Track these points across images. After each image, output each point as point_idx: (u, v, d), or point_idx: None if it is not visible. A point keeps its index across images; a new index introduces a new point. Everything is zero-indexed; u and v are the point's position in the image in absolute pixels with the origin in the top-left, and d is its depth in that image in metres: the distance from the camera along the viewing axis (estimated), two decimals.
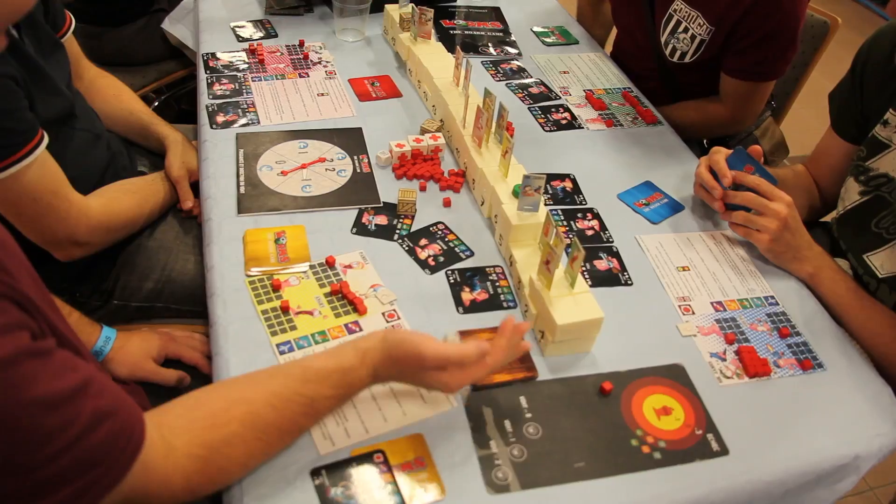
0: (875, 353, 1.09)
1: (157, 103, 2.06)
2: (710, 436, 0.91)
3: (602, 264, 1.13)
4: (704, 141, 1.71)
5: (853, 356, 1.05)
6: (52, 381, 0.60)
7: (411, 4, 1.53)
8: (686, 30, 1.53)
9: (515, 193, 1.11)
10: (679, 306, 1.08)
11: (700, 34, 1.51)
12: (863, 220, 1.24)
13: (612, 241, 1.18)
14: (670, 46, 1.57)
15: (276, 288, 1.02)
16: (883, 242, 1.20)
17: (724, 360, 1.01)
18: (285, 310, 0.99)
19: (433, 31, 1.51)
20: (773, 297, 1.11)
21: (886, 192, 1.20)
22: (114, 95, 1.44)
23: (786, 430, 0.93)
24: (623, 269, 1.13)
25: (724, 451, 0.89)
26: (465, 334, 0.98)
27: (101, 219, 1.17)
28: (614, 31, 1.96)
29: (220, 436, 0.73)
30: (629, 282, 1.11)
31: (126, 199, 1.25)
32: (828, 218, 1.46)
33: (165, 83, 2.05)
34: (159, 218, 1.33)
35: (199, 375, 1.13)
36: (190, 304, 1.29)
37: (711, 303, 1.09)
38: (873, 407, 0.98)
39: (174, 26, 1.92)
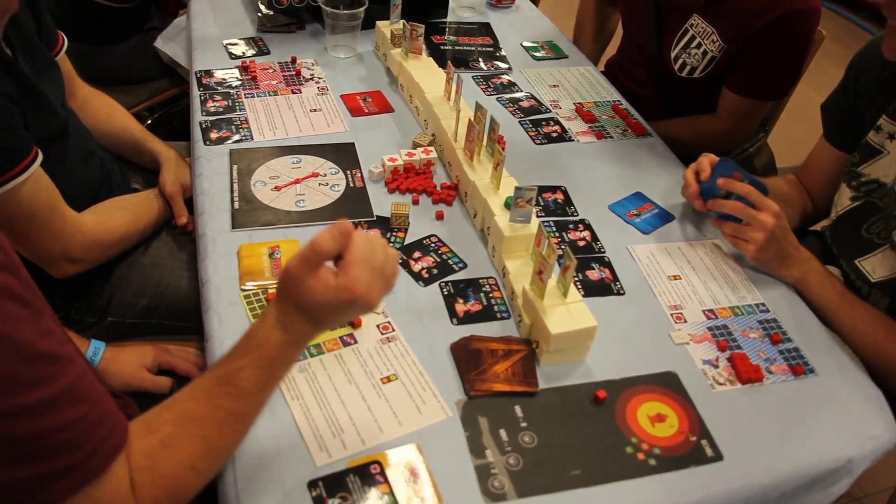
0: (865, 354, 1.10)
1: (149, 121, 2.07)
2: (704, 442, 0.91)
3: (594, 274, 1.14)
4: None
5: (844, 361, 1.06)
6: (34, 334, 0.58)
7: (402, 21, 1.55)
8: (699, 45, 1.55)
9: (507, 205, 1.12)
10: (671, 315, 1.09)
11: (712, 51, 1.53)
12: (854, 225, 1.26)
13: (604, 252, 1.19)
14: (680, 61, 1.59)
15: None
16: (874, 247, 1.21)
17: (717, 366, 1.01)
18: None
19: (424, 46, 1.52)
20: (763, 305, 1.12)
21: (877, 198, 1.22)
22: (107, 114, 1.45)
23: (779, 434, 0.94)
24: (615, 278, 1.14)
25: (718, 456, 0.90)
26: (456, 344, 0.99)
27: (96, 235, 1.17)
28: (610, 47, 1.99)
29: (155, 441, 0.70)
30: (621, 291, 1.12)
31: (120, 215, 1.25)
32: (818, 227, 1.48)
33: (158, 101, 2.06)
34: (153, 234, 1.33)
35: None
36: (184, 320, 1.29)
37: (703, 311, 1.10)
38: (865, 410, 0.99)
39: (167, 45, 1.94)
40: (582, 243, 1.20)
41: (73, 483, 0.62)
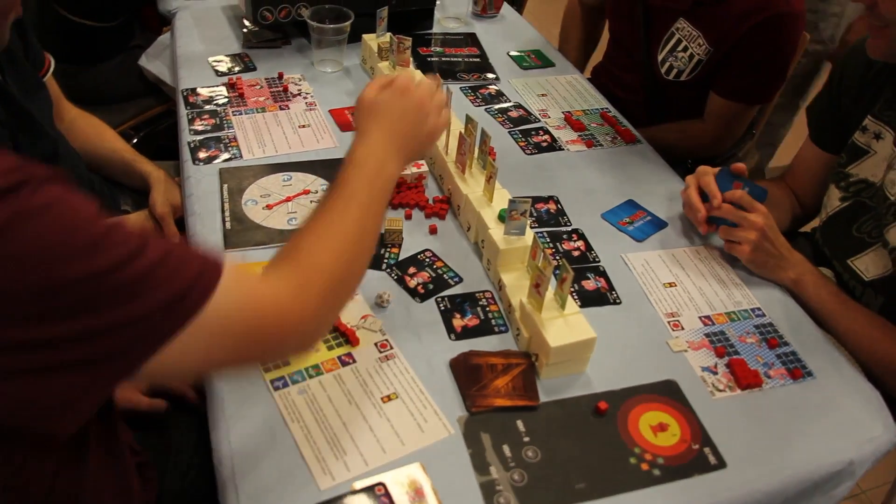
0: (861, 355, 1.11)
1: (135, 140, 2.05)
2: (706, 450, 0.91)
3: (590, 284, 1.14)
4: (689, 162, 1.74)
5: (841, 363, 1.06)
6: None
7: (389, 33, 1.55)
8: (685, 49, 1.56)
9: (501, 218, 1.12)
10: (668, 322, 1.09)
11: (699, 54, 1.54)
12: (845, 225, 1.27)
13: (599, 261, 1.19)
14: (667, 64, 1.60)
15: None
16: (865, 246, 1.22)
17: (716, 373, 1.02)
18: None
19: (411, 59, 1.52)
20: (759, 309, 1.13)
21: (867, 197, 1.23)
22: (95, 135, 1.44)
23: (781, 439, 0.94)
24: (611, 288, 1.14)
25: (721, 464, 0.90)
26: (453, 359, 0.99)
27: None
28: (596, 54, 2.00)
29: (288, 245, 0.77)
30: (618, 300, 1.12)
31: None
32: (808, 228, 1.49)
33: (143, 120, 2.05)
34: None
35: (187, 407, 1.12)
36: None
37: (700, 317, 1.10)
38: (864, 411, 1.00)
39: (151, 62, 1.93)
40: (576, 253, 1.20)
41: (196, 298, 0.62)
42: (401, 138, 0.92)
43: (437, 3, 1.85)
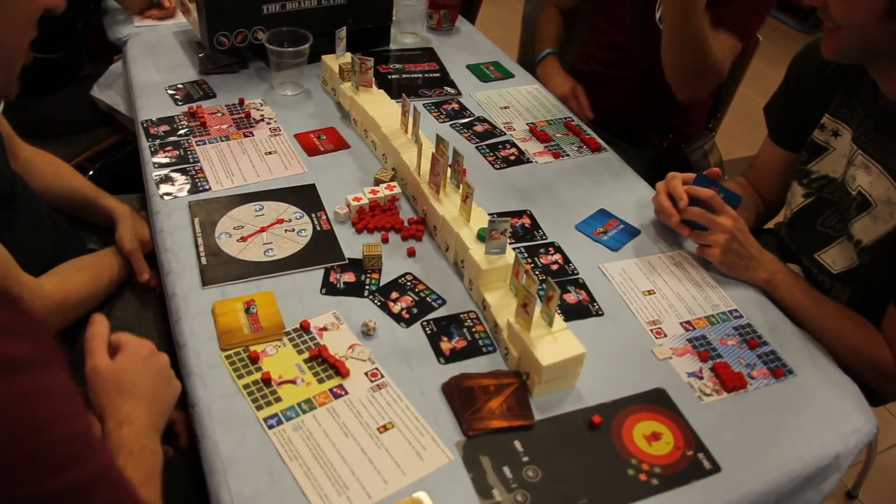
0: (836, 348, 1.15)
1: (91, 172, 2.00)
2: (700, 455, 0.93)
3: (571, 297, 1.15)
4: (663, 144, 1.73)
5: (819, 358, 1.10)
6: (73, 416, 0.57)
7: (349, 53, 1.54)
8: None
9: (480, 237, 1.13)
10: (651, 330, 1.11)
11: None
12: (809, 221, 1.31)
13: (578, 273, 1.20)
14: (661, 12, 1.57)
15: (255, 359, 1.00)
16: (830, 240, 1.26)
17: (702, 378, 1.04)
18: (267, 381, 0.98)
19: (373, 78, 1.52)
20: (736, 311, 1.15)
21: (829, 193, 1.27)
22: (52, 173, 1.40)
23: (770, 439, 0.97)
24: (592, 299, 1.15)
25: (716, 468, 0.92)
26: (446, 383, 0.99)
27: (56, 298, 1.13)
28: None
29: None
30: (600, 312, 1.13)
31: (79, 276, 1.21)
32: (771, 224, 1.53)
33: (98, 150, 2.00)
34: (116, 295, 1.29)
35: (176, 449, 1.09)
36: None
37: (681, 323, 1.12)
38: (845, 404, 1.03)
39: (103, 92, 1.88)
40: (555, 267, 1.21)
41: None
42: (158, 408, 0.88)
43: (393, 18, 1.85)
